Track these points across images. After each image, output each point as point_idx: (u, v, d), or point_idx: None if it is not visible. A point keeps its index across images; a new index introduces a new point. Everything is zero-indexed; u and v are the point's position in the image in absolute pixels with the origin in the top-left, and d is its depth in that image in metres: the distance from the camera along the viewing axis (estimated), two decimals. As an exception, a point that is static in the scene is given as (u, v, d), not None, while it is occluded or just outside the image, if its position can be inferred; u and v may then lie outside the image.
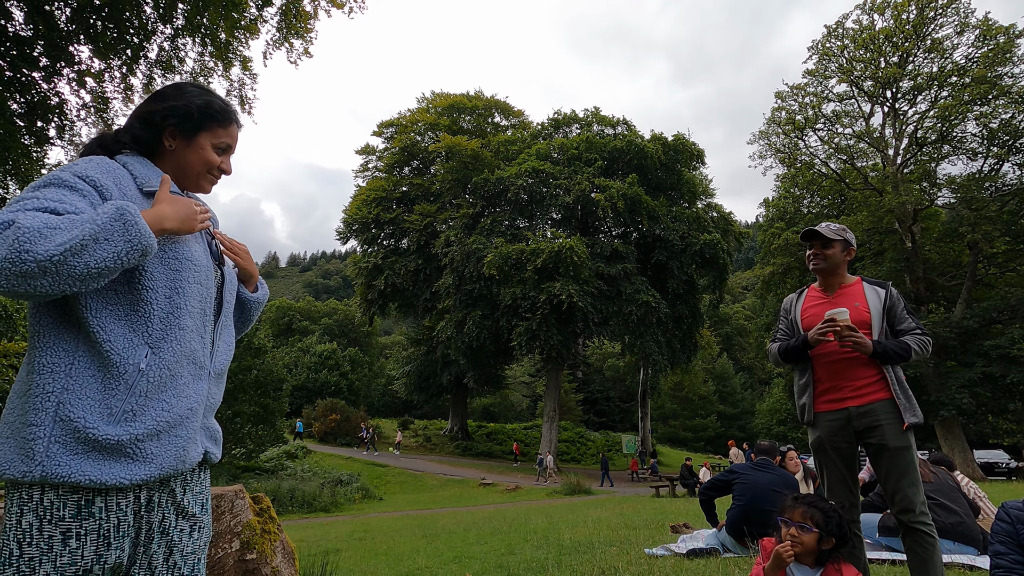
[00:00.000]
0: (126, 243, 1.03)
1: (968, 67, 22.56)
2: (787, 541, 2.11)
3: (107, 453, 1.04)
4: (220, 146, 1.33)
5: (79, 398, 1.04)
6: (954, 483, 4.08)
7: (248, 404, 20.77)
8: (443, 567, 4.71)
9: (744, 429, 50.73)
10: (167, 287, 1.16)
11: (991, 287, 23.72)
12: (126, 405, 1.07)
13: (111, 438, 1.04)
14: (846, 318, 2.51)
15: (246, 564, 2.20)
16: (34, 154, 7.41)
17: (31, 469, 1.00)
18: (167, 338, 1.14)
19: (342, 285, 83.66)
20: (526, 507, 13.31)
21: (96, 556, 1.03)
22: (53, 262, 0.95)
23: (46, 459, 1.01)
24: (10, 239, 0.94)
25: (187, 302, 1.19)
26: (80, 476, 1.01)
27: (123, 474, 1.05)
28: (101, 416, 1.05)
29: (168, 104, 1.28)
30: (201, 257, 1.25)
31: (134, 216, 1.05)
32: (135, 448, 1.07)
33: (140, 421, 1.08)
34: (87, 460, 1.03)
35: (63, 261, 0.96)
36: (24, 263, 0.93)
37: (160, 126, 1.27)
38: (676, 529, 5.63)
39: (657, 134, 31.00)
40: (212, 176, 1.34)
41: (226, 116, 1.34)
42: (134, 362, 1.09)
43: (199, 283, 1.23)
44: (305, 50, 8.87)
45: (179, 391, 1.16)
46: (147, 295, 1.13)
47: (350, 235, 35.49)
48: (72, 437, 1.02)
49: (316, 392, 42.47)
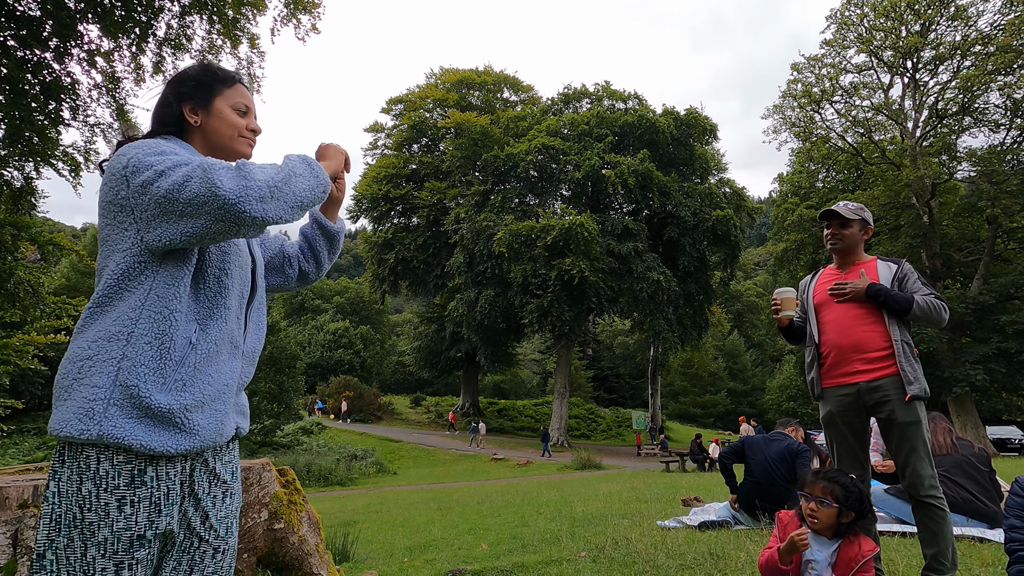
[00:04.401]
0: (314, 178, 1.24)
1: (993, 35, 21.80)
2: (803, 528, 2.12)
3: (157, 421, 1.11)
4: (238, 107, 1.37)
5: (136, 365, 1.10)
6: (975, 456, 4.03)
7: (264, 382, 21.13)
8: (458, 538, 4.83)
9: (754, 405, 50.81)
10: (217, 268, 1.23)
11: (1009, 263, 23.30)
12: (178, 375, 1.13)
13: (163, 406, 1.10)
14: (789, 295, 2.75)
15: (275, 533, 2.29)
16: (50, 135, 7.46)
17: (88, 428, 1.06)
18: (213, 316, 1.21)
19: (353, 264, 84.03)
20: (537, 481, 13.54)
21: (148, 522, 1.10)
22: (275, 186, 1.14)
23: (104, 419, 1.07)
24: (237, 174, 1.11)
25: (232, 283, 1.26)
26: (133, 440, 1.07)
27: (170, 443, 1.11)
28: (156, 384, 1.11)
29: (175, 83, 1.35)
30: (240, 241, 1.32)
31: (313, 159, 1.29)
32: (183, 418, 1.13)
33: (188, 392, 1.14)
34: (140, 425, 1.09)
35: (278, 188, 1.15)
36: (259, 189, 1.11)
37: (177, 105, 1.32)
38: (687, 502, 5.72)
39: (669, 108, 30.47)
40: (246, 138, 1.38)
41: (228, 76, 1.38)
42: (186, 336, 1.16)
43: (240, 266, 1.30)
44: (313, 26, 8.76)
45: (220, 367, 1.22)
46: (200, 275, 1.20)
47: (360, 213, 35.50)
48: (129, 402, 1.09)
49: (330, 370, 43.06)
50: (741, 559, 3.18)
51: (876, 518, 2.63)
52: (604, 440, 35.94)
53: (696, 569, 3.07)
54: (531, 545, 4.12)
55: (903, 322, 2.59)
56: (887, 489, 4.20)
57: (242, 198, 1.09)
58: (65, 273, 30.12)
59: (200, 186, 1.08)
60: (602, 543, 3.90)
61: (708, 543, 3.65)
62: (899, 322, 2.57)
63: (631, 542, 3.85)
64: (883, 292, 2.54)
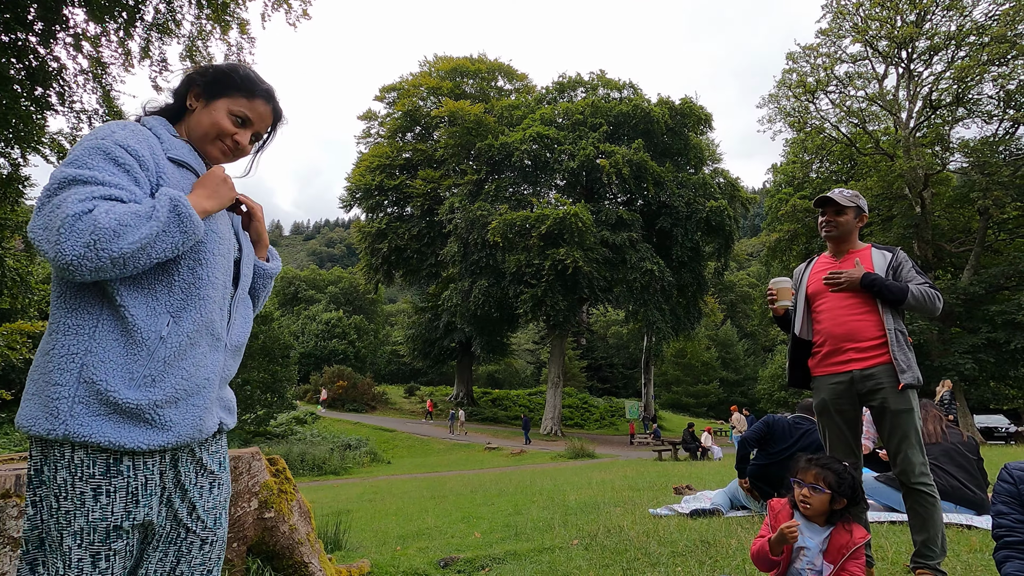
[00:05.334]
0: (182, 234, 1.11)
1: (988, 26, 21.81)
2: (793, 520, 2.11)
3: (127, 417, 1.07)
4: (238, 114, 1.31)
5: (102, 361, 1.06)
6: (963, 445, 4.07)
7: (257, 371, 21.08)
8: (452, 526, 4.85)
9: (746, 395, 51.22)
10: (190, 258, 1.17)
11: (1000, 253, 23.50)
12: (147, 371, 1.09)
13: (131, 402, 1.07)
14: (785, 285, 2.75)
15: (265, 522, 2.27)
16: (36, 120, 7.33)
17: (55, 427, 1.04)
18: (188, 307, 1.16)
19: (346, 253, 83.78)
20: (531, 470, 13.61)
21: (125, 512, 1.07)
22: (124, 257, 1.03)
23: (69, 418, 1.04)
24: (87, 236, 1.00)
25: (209, 273, 1.20)
26: (101, 438, 1.04)
27: (141, 439, 1.08)
28: (123, 380, 1.07)
29: (201, 68, 1.35)
30: (224, 229, 1.27)
31: (188, 208, 1.12)
32: (154, 414, 1.09)
33: (159, 387, 1.10)
34: (108, 423, 1.05)
35: (132, 256, 1.04)
36: (100, 259, 1.01)
37: (187, 86, 1.32)
38: (679, 490, 5.76)
39: (664, 98, 30.36)
40: (223, 145, 1.31)
41: (249, 85, 1.32)
42: (156, 329, 1.11)
43: (221, 255, 1.24)
44: (304, 11, 8.63)
45: (197, 360, 1.17)
46: (171, 265, 1.14)
47: (354, 203, 35.31)
48: (95, 399, 1.05)
49: (324, 359, 43.02)
50: (732, 546, 3.20)
51: (868, 506, 2.64)
52: (597, 429, 36.16)
53: (688, 556, 3.08)
54: (524, 533, 4.13)
55: (897, 311, 2.59)
56: (877, 477, 4.24)
57: (74, 261, 0.99)
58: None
59: (54, 220, 1.01)
60: (594, 531, 3.92)
61: (700, 531, 3.68)
62: (893, 311, 2.57)
63: (623, 530, 3.87)
64: (878, 282, 2.53)
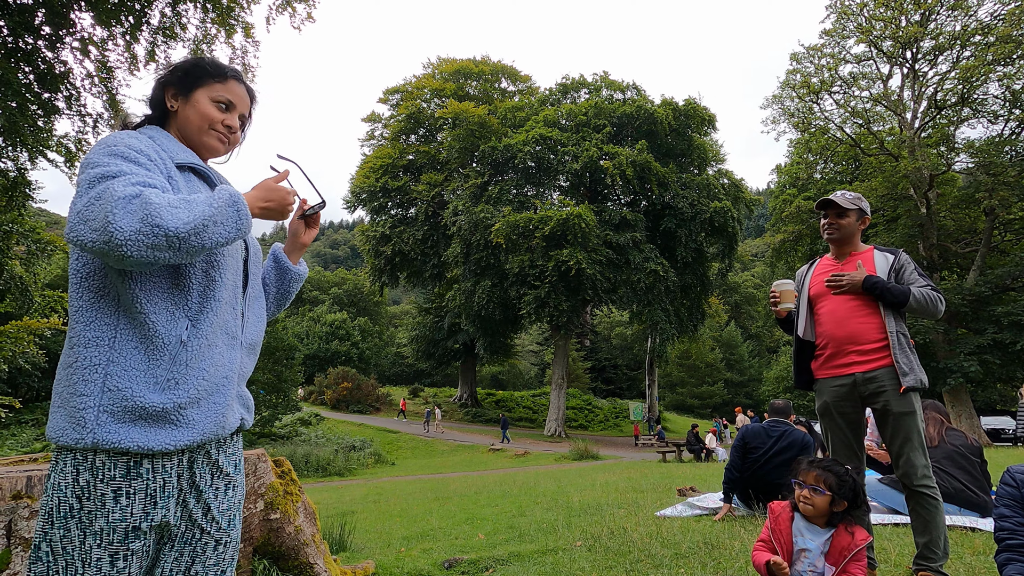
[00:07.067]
0: (236, 229, 1.12)
1: (993, 25, 21.70)
2: (782, 560, 2.05)
3: (153, 420, 1.10)
4: (220, 101, 1.33)
5: (124, 369, 1.09)
6: (966, 447, 4.06)
7: (262, 372, 21.16)
8: (455, 528, 4.86)
9: (751, 396, 51.09)
10: (205, 261, 1.19)
11: (1006, 254, 23.35)
12: (169, 374, 1.12)
13: (156, 406, 1.10)
14: (788, 288, 2.76)
15: (270, 523, 2.30)
16: (43, 124, 7.39)
17: (83, 436, 1.07)
18: (205, 310, 1.18)
19: (350, 255, 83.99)
20: (535, 471, 13.61)
21: (144, 513, 1.10)
22: (179, 237, 1.03)
23: (97, 427, 1.07)
24: (140, 212, 1.00)
25: (222, 275, 1.22)
26: (129, 443, 1.08)
27: (168, 440, 1.11)
28: (147, 385, 1.10)
29: (165, 69, 1.36)
30: None
31: (244, 204, 1.14)
32: (178, 415, 1.12)
33: (182, 389, 1.13)
34: (135, 427, 1.09)
35: (187, 238, 1.04)
36: (155, 236, 1.01)
37: (160, 89, 1.33)
38: (683, 492, 5.76)
39: (668, 99, 30.32)
40: (218, 132, 1.33)
41: (218, 70, 1.35)
42: (176, 334, 1.13)
43: (231, 256, 1.27)
44: (308, 14, 8.67)
45: (216, 360, 1.20)
46: (187, 270, 1.17)
47: (357, 204, 35.38)
48: (120, 406, 1.08)
49: (328, 361, 43.12)
50: (735, 548, 3.20)
51: (870, 508, 2.65)
52: (601, 431, 36.11)
53: (691, 558, 3.09)
54: (528, 535, 4.14)
55: (899, 313, 2.59)
56: (881, 479, 4.23)
57: (132, 237, 0.98)
58: (62, 264, 29.89)
59: (99, 209, 1.00)
60: (598, 532, 3.92)
61: (703, 532, 3.68)
62: (895, 313, 2.58)
63: (627, 531, 3.87)
64: (880, 285, 2.54)
